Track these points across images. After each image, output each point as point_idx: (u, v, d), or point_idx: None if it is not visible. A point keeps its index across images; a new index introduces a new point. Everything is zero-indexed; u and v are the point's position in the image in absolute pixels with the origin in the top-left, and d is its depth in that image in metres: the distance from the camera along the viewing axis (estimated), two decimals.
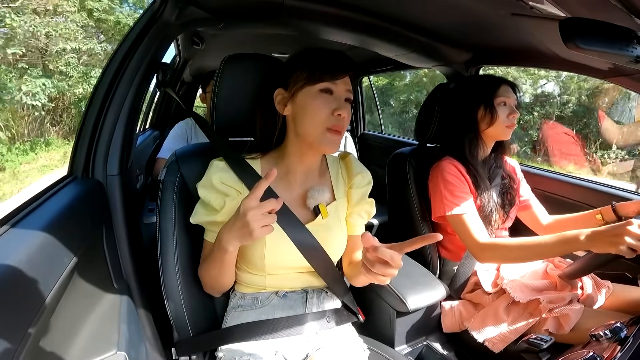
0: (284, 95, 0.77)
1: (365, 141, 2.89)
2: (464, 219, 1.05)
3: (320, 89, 0.73)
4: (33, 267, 0.54)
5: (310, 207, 0.81)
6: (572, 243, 0.85)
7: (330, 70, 0.73)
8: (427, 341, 1.11)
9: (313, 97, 0.73)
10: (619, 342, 0.66)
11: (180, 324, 0.81)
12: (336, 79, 0.74)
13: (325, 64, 0.74)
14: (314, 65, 0.74)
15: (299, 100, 0.75)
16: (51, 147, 8.55)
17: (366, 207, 0.88)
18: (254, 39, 1.71)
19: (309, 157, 0.81)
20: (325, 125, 0.73)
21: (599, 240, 0.81)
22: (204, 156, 0.83)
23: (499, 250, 0.99)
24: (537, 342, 0.77)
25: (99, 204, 0.86)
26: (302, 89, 0.74)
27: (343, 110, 0.73)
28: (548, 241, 0.90)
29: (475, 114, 1.13)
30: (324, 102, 0.73)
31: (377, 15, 1.14)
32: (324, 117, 0.73)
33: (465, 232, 1.05)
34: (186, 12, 0.98)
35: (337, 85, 0.74)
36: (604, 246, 0.81)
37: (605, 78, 1.11)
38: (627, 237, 0.77)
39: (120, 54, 0.92)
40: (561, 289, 1.03)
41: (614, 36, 0.72)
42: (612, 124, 6.18)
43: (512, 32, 1.08)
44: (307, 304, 0.83)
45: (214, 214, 0.76)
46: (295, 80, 0.75)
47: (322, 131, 0.73)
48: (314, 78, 0.73)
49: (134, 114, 0.93)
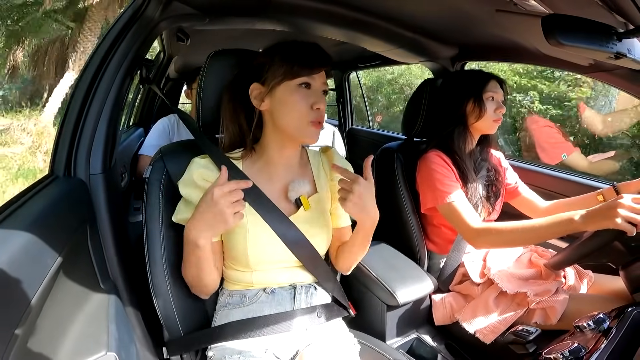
0: (261, 90, 0.76)
1: (353, 136, 2.90)
2: (455, 206, 1.06)
3: (298, 83, 0.74)
4: (16, 269, 0.52)
5: (292, 200, 0.81)
6: (567, 224, 0.86)
7: (308, 64, 0.74)
8: (418, 334, 1.13)
9: (292, 91, 0.74)
10: (603, 333, 0.68)
11: (171, 323, 0.80)
12: (314, 73, 0.74)
13: (303, 58, 0.74)
14: (291, 60, 0.73)
15: (278, 95, 0.74)
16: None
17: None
18: (240, 34, 1.69)
19: (289, 150, 0.81)
20: (307, 119, 0.74)
21: (593, 218, 0.82)
22: (190, 153, 0.82)
23: (494, 234, 1.00)
24: (524, 333, 0.79)
25: (82, 204, 0.84)
26: (281, 84, 0.74)
27: (321, 103, 0.75)
28: (543, 223, 0.90)
29: (464, 107, 1.15)
30: (303, 96, 0.74)
31: (364, 11, 1.14)
32: (304, 111, 0.74)
33: (459, 219, 1.06)
34: (170, 8, 0.96)
35: (314, 79, 0.75)
36: (600, 222, 0.81)
37: (586, 73, 1.14)
38: (620, 210, 0.78)
39: (101, 50, 0.89)
40: (546, 278, 1.06)
41: (595, 32, 0.74)
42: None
43: (496, 28, 1.09)
44: (296, 299, 0.83)
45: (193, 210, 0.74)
46: (272, 75, 0.74)
47: (304, 125, 0.75)
48: (292, 73, 0.73)
49: (116, 111, 0.91)
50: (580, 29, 0.73)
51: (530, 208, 1.26)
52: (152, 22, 0.94)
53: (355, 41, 1.39)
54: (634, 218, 0.77)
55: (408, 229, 1.24)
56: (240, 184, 0.65)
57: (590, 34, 0.74)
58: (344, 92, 2.94)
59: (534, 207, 1.26)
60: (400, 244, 1.25)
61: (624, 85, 1.07)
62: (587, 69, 1.08)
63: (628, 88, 1.08)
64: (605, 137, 2.52)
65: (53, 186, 0.80)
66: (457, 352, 1.10)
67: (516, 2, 0.74)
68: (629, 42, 0.78)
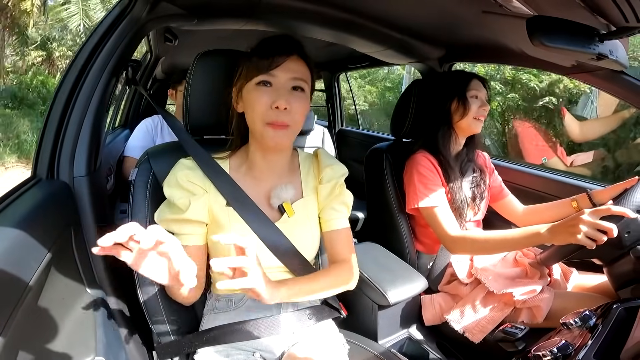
0: (235, 93, 0.76)
1: (343, 137, 2.90)
2: (435, 212, 1.09)
3: (256, 82, 0.70)
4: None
5: (274, 207, 0.79)
6: (535, 237, 0.90)
7: (266, 55, 0.69)
8: (409, 333, 1.13)
9: (251, 92, 0.71)
10: (589, 329, 0.70)
11: (160, 328, 0.79)
12: (272, 68, 0.69)
13: (262, 51, 0.70)
14: (252, 57, 0.72)
15: (244, 96, 0.73)
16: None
17: (340, 198, 0.84)
18: (230, 34, 1.67)
19: (270, 154, 0.78)
20: (264, 120, 0.70)
21: (558, 232, 0.85)
22: (177, 154, 0.80)
23: (468, 243, 1.03)
24: (512, 331, 0.80)
25: (66, 207, 0.82)
26: (245, 86, 0.73)
27: (281, 101, 0.68)
28: (514, 236, 0.94)
29: (449, 106, 1.17)
30: (260, 95, 0.70)
31: (353, 12, 1.14)
32: (260, 112, 0.70)
33: (437, 225, 1.08)
34: (158, 8, 0.94)
35: (275, 75, 0.70)
36: (564, 237, 0.84)
37: (568, 74, 1.16)
38: (581, 226, 0.80)
39: (86, 50, 0.87)
40: (532, 276, 1.08)
41: (578, 34, 0.76)
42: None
43: (482, 29, 1.11)
44: (283, 303, 0.81)
45: (178, 213, 0.73)
46: (239, 76, 0.74)
47: (263, 126, 0.70)
48: (250, 72, 0.71)
49: (101, 112, 0.89)
50: (563, 30, 0.75)
51: (509, 211, 1.29)
52: (139, 22, 0.93)
53: (344, 42, 1.39)
54: (593, 234, 0.79)
55: (397, 229, 1.25)
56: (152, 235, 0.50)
57: (573, 35, 0.76)
58: (334, 93, 2.94)
59: (513, 211, 1.29)
60: (390, 244, 1.26)
61: (605, 86, 1.10)
62: (569, 70, 1.10)
63: (609, 89, 1.10)
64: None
65: (35, 189, 0.77)
66: (448, 351, 1.11)
67: (502, 3, 0.75)
68: (610, 43, 0.80)
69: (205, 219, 0.76)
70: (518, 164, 1.60)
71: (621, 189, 0.98)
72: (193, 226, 0.75)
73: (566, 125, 4.56)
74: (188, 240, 0.75)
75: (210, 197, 0.75)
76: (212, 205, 0.76)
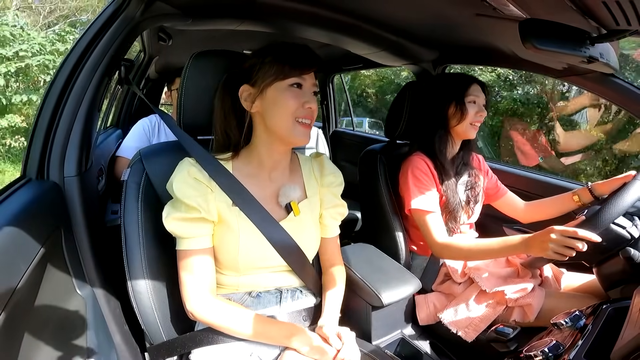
0: (251, 91, 0.76)
1: (337, 138, 2.91)
2: (425, 217, 1.10)
3: (290, 83, 0.74)
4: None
5: (282, 205, 0.81)
6: (512, 248, 0.95)
7: (299, 65, 0.75)
8: (403, 334, 1.13)
9: (283, 91, 0.74)
10: (579, 329, 0.71)
11: (153, 329, 0.78)
12: (304, 73, 0.75)
13: (294, 59, 0.75)
14: (282, 61, 0.74)
15: (269, 95, 0.74)
16: None
17: (339, 209, 0.90)
18: (224, 34, 1.67)
19: (279, 153, 0.81)
20: (295, 116, 0.74)
21: (531, 246, 0.89)
22: (171, 155, 0.80)
23: (454, 250, 1.06)
24: (505, 331, 0.81)
25: (56, 207, 0.81)
26: (272, 85, 0.74)
27: (312, 102, 0.76)
28: (495, 246, 0.97)
29: (446, 110, 1.17)
30: (294, 95, 0.74)
31: (348, 13, 1.14)
32: (294, 109, 0.74)
33: (426, 230, 1.11)
34: (152, 7, 0.93)
35: (305, 79, 0.76)
36: (536, 251, 0.88)
37: (560, 77, 1.17)
38: (550, 244, 0.84)
39: (78, 49, 0.86)
40: (523, 276, 1.10)
41: (569, 37, 0.77)
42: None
43: (476, 32, 1.12)
44: (282, 303, 0.82)
45: (192, 212, 0.72)
46: (263, 76, 0.74)
47: (293, 123, 0.75)
48: (283, 73, 0.74)
49: (93, 112, 0.88)
50: (555, 33, 0.76)
51: (511, 208, 1.30)
52: (133, 21, 0.92)
53: (338, 43, 1.39)
54: (561, 251, 0.83)
55: (391, 230, 1.25)
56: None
57: (564, 38, 0.77)
58: (328, 94, 2.95)
59: (515, 208, 1.29)
60: (384, 245, 1.26)
61: (595, 88, 1.11)
62: (561, 73, 1.11)
63: (599, 91, 1.12)
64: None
65: (25, 189, 0.76)
66: (442, 351, 1.11)
67: (495, 6, 0.76)
68: (601, 46, 0.81)
69: (216, 218, 0.76)
70: (511, 166, 1.63)
71: (620, 182, 1.00)
72: (206, 226, 0.75)
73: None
74: (199, 243, 0.75)
75: (216, 197, 0.76)
76: (219, 204, 0.76)
